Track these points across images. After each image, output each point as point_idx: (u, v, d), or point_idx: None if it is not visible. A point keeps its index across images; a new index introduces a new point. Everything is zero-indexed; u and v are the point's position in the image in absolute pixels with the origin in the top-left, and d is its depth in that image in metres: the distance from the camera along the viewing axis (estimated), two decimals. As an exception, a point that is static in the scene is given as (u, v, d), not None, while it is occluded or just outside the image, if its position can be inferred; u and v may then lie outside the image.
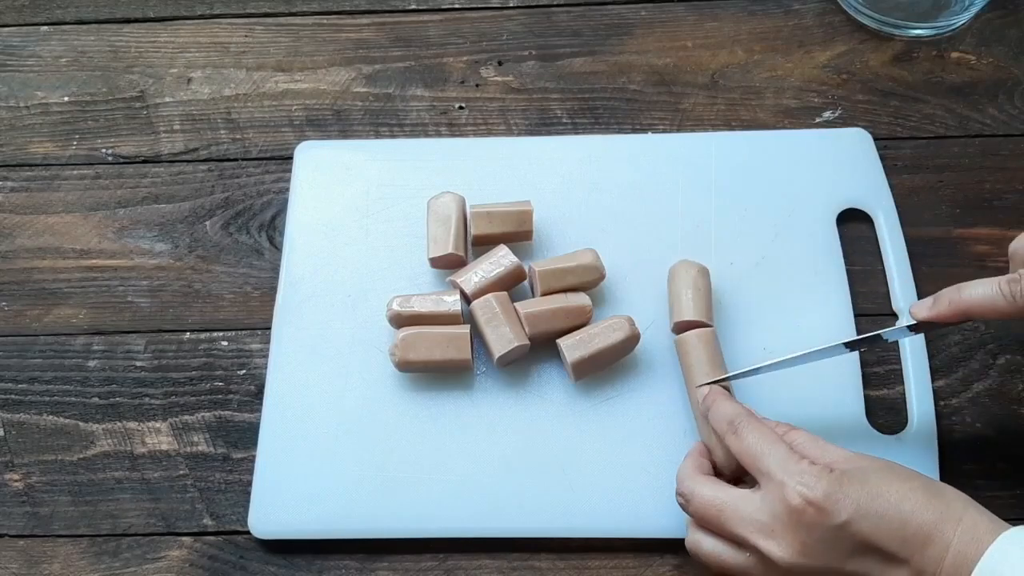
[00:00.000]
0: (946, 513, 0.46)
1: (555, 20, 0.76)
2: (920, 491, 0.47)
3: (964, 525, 0.45)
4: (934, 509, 0.46)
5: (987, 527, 0.45)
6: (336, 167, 0.69)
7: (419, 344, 0.59)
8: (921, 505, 0.46)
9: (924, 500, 0.46)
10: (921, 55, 0.73)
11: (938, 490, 0.47)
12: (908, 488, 0.47)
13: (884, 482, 0.47)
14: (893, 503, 0.46)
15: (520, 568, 0.57)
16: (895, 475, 0.48)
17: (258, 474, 0.59)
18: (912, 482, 0.47)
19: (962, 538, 0.45)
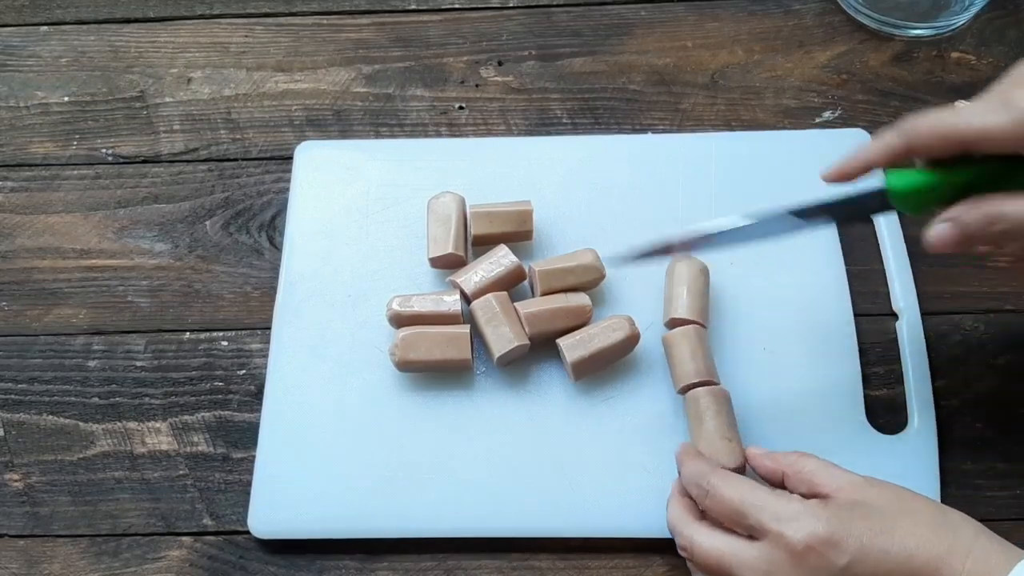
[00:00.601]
0: (954, 545, 0.44)
1: (555, 20, 0.76)
2: (927, 524, 0.45)
3: (975, 556, 0.43)
4: (942, 542, 0.44)
5: (999, 557, 0.43)
6: (336, 167, 0.69)
7: (419, 344, 0.59)
8: (928, 539, 0.44)
9: (931, 533, 0.44)
10: (921, 55, 0.73)
11: (946, 520, 0.45)
12: (913, 522, 0.45)
13: (888, 516, 0.45)
14: (898, 539, 0.45)
15: (520, 568, 0.57)
16: (900, 506, 0.46)
17: (258, 474, 0.59)
18: (918, 514, 0.45)
19: (973, 570, 0.43)
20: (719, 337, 0.61)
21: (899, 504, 0.46)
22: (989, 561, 0.43)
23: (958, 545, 0.44)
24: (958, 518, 0.46)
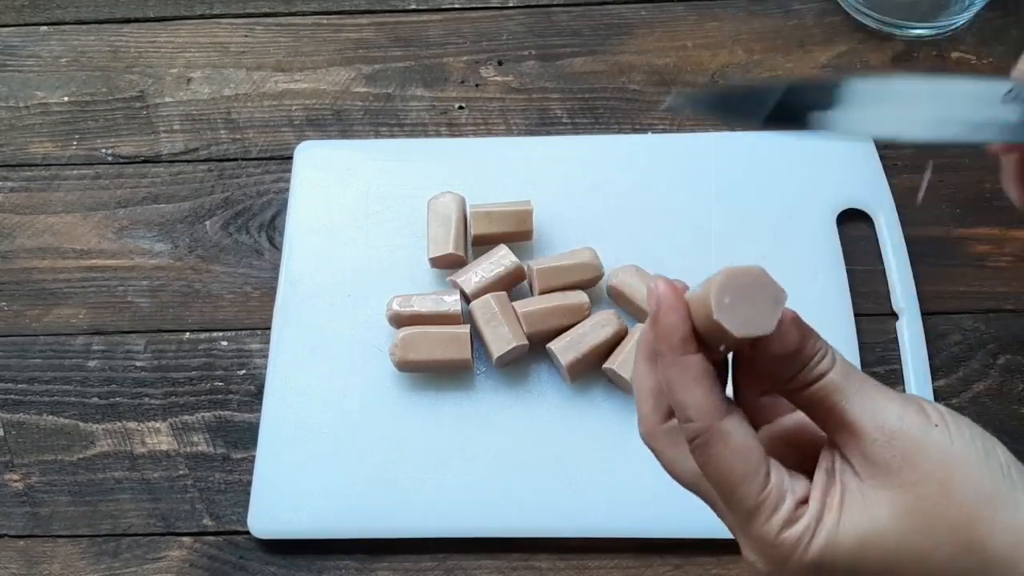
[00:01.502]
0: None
1: (555, 20, 0.76)
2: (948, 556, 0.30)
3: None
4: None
5: None
6: (336, 167, 0.69)
7: (419, 344, 0.59)
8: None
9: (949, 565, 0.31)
10: (921, 55, 0.73)
11: (977, 546, 0.30)
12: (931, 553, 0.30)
13: (893, 550, 0.31)
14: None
15: (520, 568, 0.57)
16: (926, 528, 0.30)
17: (258, 474, 0.59)
18: (941, 550, 0.30)
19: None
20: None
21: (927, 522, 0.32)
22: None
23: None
24: (995, 538, 0.31)
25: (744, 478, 0.31)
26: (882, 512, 0.30)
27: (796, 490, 0.31)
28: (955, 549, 0.29)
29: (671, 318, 0.31)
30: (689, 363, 0.31)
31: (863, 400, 0.31)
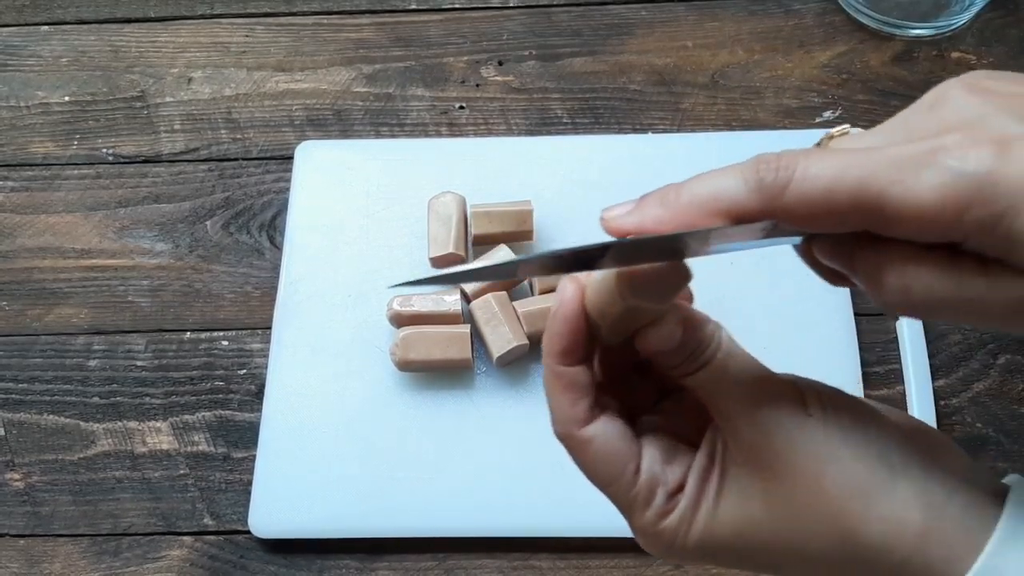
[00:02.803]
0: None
1: (555, 20, 0.76)
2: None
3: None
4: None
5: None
6: (336, 167, 0.69)
7: (419, 344, 0.59)
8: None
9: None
10: (921, 55, 0.73)
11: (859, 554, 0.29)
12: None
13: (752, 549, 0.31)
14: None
15: (520, 568, 0.57)
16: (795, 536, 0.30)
17: (258, 474, 0.59)
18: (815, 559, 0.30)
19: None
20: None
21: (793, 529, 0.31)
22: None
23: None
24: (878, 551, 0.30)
25: (609, 479, 0.32)
26: (756, 502, 0.30)
27: (670, 480, 0.31)
28: (829, 540, 0.29)
29: (561, 329, 0.31)
30: (563, 372, 0.31)
31: (742, 389, 0.30)
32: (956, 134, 0.25)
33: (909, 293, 0.26)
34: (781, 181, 0.27)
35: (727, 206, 0.28)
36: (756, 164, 0.28)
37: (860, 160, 0.26)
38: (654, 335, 0.30)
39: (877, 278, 0.27)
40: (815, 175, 0.26)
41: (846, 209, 0.26)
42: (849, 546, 0.29)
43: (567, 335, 0.31)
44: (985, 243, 0.25)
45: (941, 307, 0.26)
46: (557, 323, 0.31)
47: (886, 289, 0.27)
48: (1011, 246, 0.24)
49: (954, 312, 0.26)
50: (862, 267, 0.27)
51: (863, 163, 0.26)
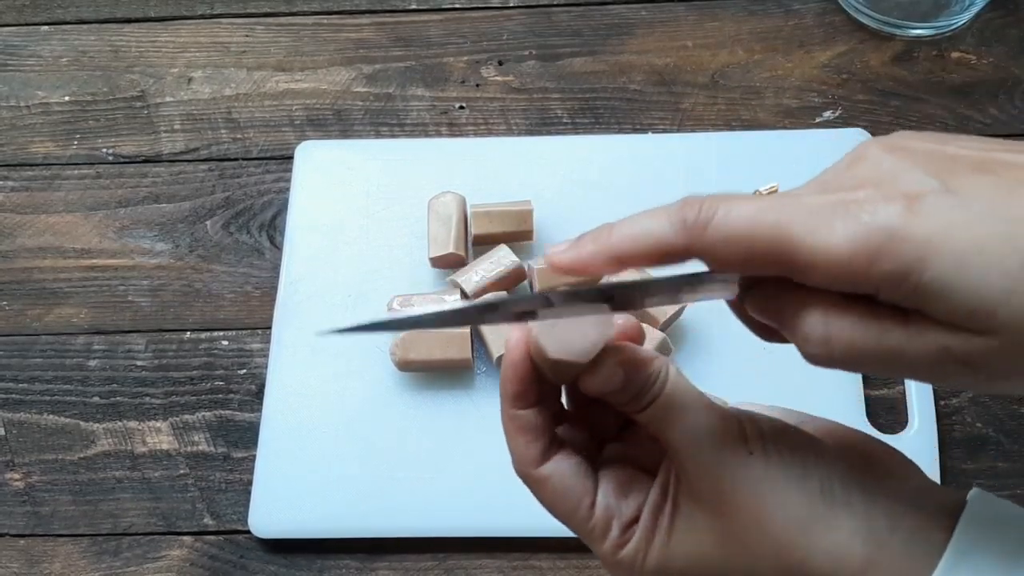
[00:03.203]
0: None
1: (555, 20, 0.76)
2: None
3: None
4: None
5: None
6: (337, 167, 0.69)
7: (419, 344, 0.59)
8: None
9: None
10: (921, 55, 0.73)
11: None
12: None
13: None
14: None
15: (520, 567, 0.57)
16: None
17: (258, 474, 0.59)
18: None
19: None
20: (719, 338, 0.61)
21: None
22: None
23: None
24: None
25: (567, 514, 0.33)
26: (706, 537, 0.31)
27: (624, 513, 0.32)
28: (775, 574, 0.30)
29: (508, 373, 0.32)
30: (516, 416, 0.32)
31: (686, 427, 0.31)
32: (869, 189, 0.26)
33: (830, 343, 0.27)
34: (703, 220, 0.28)
35: (654, 242, 0.29)
36: (682, 205, 0.29)
37: (777, 206, 0.27)
38: (592, 379, 0.31)
39: (801, 329, 0.27)
40: (735, 217, 0.27)
41: (762, 251, 0.27)
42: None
43: (515, 381, 0.32)
44: (896, 295, 0.25)
45: (862, 358, 0.27)
46: (505, 369, 0.32)
47: (810, 339, 0.27)
48: (922, 298, 0.25)
49: (876, 363, 0.27)
50: (788, 319, 0.28)
51: (780, 209, 0.26)
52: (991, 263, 0.24)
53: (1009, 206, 0.25)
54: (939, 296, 0.25)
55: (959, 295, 0.24)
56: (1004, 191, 0.25)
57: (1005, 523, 0.29)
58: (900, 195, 0.25)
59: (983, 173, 0.26)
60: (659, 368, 0.31)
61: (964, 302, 0.24)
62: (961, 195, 0.25)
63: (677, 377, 0.31)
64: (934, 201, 0.25)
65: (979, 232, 0.24)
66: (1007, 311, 0.24)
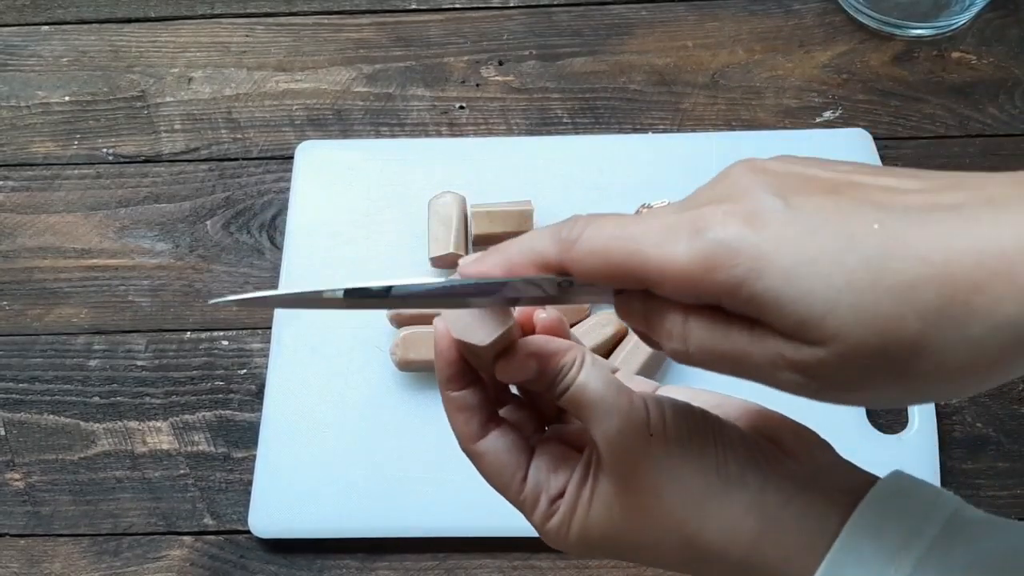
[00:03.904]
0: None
1: (556, 20, 0.76)
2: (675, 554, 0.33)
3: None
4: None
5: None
6: (337, 167, 0.69)
7: (420, 344, 0.59)
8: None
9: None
10: (921, 55, 0.73)
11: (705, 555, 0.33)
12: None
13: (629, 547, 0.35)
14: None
15: (520, 568, 0.57)
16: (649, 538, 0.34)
17: (258, 473, 0.59)
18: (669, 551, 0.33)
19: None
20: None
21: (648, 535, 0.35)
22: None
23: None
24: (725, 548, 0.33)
25: (501, 486, 0.36)
26: (617, 511, 0.34)
27: (552, 487, 0.35)
28: (675, 544, 0.33)
29: (440, 361, 0.35)
30: (451, 397, 0.36)
31: (597, 411, 0.33)
32: (715, 206, 0.28)
33: (688, 341, 0.29)
34: (572, 237, 0.31)
35: (535, 255, 0.32)
36: (564, 222, 0.32)
37: (635, 224, 0.29)
38: (504, 367, 0.34)
39: (663, 326, 0.30)
40: (596, 235, 0.30)
41: (618, 265, 0.29)
42: (691, 551, 0.33)
43: (445, 366, 0.35)
44: (735, 304, 0.27)
45: (713, 358, 0.29)
46: (436, 356, 0.36)
47: (671, 336, 0.30)
48: (757, 308, 0.27)
49: (725, 364, 0.29)
50: (652, 320, 0.30)
51: (636, 226, 0.29)
52: (819, 275, 0.25)
53: (845, 224, 0.26)
54: (771, 306, 0.26)
55: (788, 306, 0.26)
56: (844, 210, 0.26)
57: (911, 495, 0.31)
58: (742, 212, 0.27)
59: (830, 194, 0.27)
60: (572, 359, 0.34)
61: (793, 312, 0.26)
62: (800, 212, 0.26)
63: (591, 366, 0.34)
64: (772, 217, 0.27)
65: (810, 246, 0.26)
66: (834, 322, 0.25)
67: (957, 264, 0.24)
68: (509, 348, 0.34)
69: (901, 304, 0.25)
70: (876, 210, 0.26)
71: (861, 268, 0.25)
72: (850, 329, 0.25)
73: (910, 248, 0.25)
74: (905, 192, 0.26)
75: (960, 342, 0.25)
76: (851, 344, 0.25)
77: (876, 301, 0.25)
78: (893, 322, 0.25)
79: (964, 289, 0.24)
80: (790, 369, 0.27)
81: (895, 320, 0.25)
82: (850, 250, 0.25)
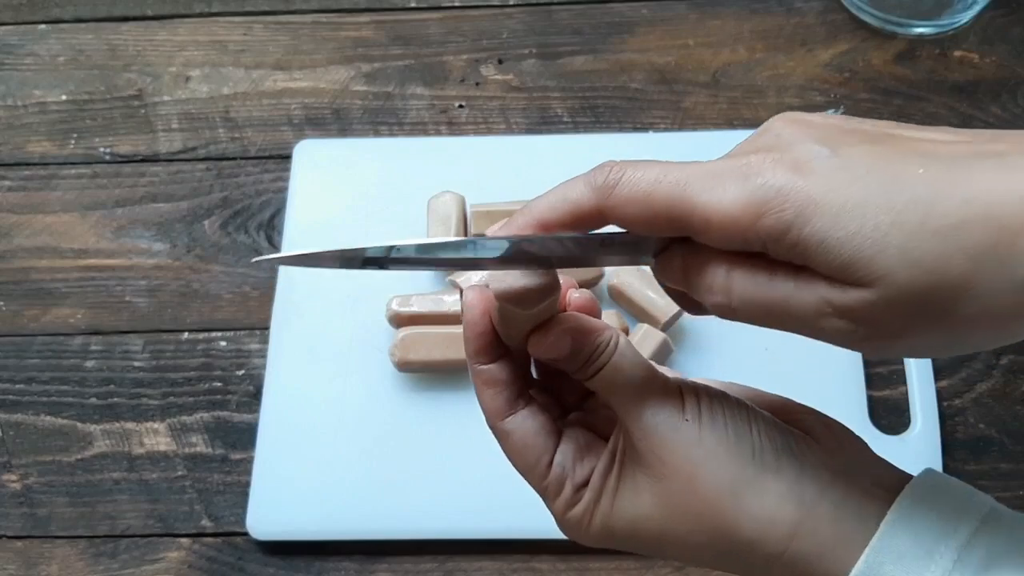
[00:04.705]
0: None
1: (556, 18, 0.76)
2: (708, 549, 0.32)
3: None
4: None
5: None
6: (335, 166, 0.68)
7: (419, 344, 0.59)
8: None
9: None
10: (924, 54, 0.72)
11: (737, 548, 0.32)
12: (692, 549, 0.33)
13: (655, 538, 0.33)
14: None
15: (520, 570, 0.56)
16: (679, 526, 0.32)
17: (256, 475, 0.58)
18: (702, 542, 0.32)
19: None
20: (720, 337, 0.60)
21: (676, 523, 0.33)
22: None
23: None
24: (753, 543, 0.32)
25: (525, 468, 0.35)
26: (646, 499, 0.33)
27: (578, 475, 0.34)
28: (707, 535, 0.32)
29: (469, 332, 0.35)
30: (480, 370, 0.35)
31: (631, 393, 0.33)
32: (762, 154, 0.28)
33: (731, 292, 0.29)
34: (611, 182, 0.30)
35: (569, 206, 0.31)
36: (595, 169, 0.31)
37: (678, 169, 0.29)
38: (540, 342, 0.33)
39: (705, 280, 0.30)
40: (639, 179, 0.30)
41: (663, 209, 0.29)
42: (724, 542, 0.31)
43: (475, 337, 0.34)
44: (781, 249, 0.27)
45: (758, 309, 0.29)
46: (466, 326, 0.35)
47: (712, 288, 0.29)
48: (803, 252, 0.27)
49: (770, 314, 0.29)
50: (693, 275, 0.30)
51: (680, 172, 0.29)
52: (866, 218, 0.26)
53: (891, 168, 0.26)
54: (818, 249, 0.26)
55: (835, 248, 0.26)
56: (889, 157, 0.27)
57: (946, 493, 0.30)
58: (790, 160, 0.27)
59: (874, 144, 0.27)
60: (607, 338, 0.33)
61: (840, 254, 0.26)
62: (847, 159, 0.27)
63: (626, 348, 0.33)
64: (819, 164, 0.27)
65: (857, 190, 0.26)
66: (881, 263, 0.26)
67: (1003, 207, 0.25)
68: (545, 322, 0.33)
69: (948, 244, 0.25)
70: (921, 157, 0.26)
71: (908, 209, 0.25)
72: (897, 270, 0.25)
73: (956, 190, 0.25)
74: (947, 143, 0.27)
75: (1006, 283, 0.25)
76: (898, 285, 0.26)
77: (923, 241, 0.25)
78: (940, 262, 0.25)
79: (1011, 230, 0.25)
80: (836, 315, 0.27)
81: (942, 260, 0.25)
82: (897, 192, 0.26)
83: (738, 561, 0.32)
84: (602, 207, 0.31)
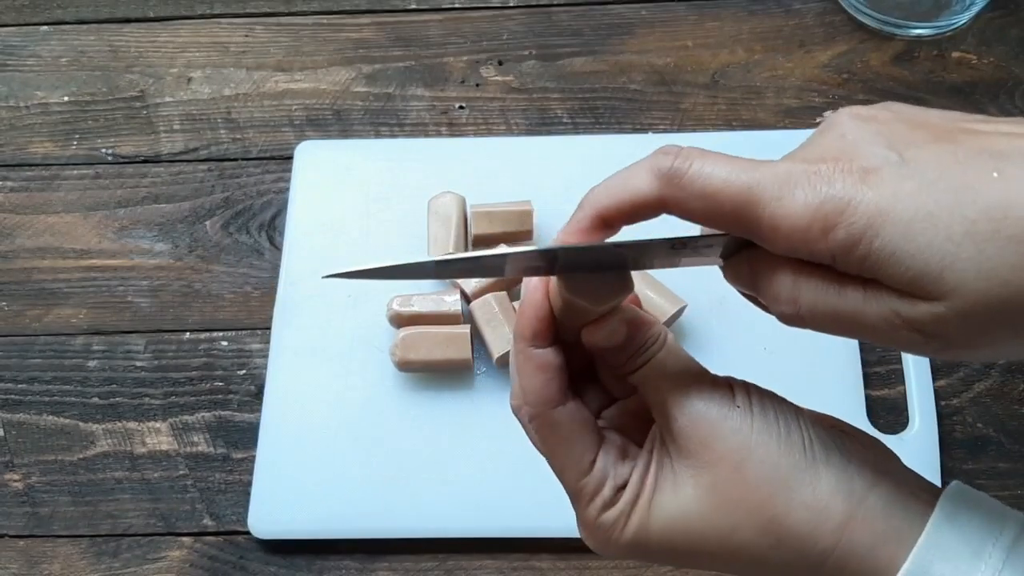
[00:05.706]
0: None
1: (555, 20, 0.76)
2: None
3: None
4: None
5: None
6: (336, 167, 0.69)
7: (419, 344, 0.59)
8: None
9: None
10: (922, 55, 0.73)
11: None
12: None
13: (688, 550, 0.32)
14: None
15: (520, 569, 0.57)
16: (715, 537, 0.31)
17: (258, 474, 0.59)
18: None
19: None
20: (720, 337, 0.61)
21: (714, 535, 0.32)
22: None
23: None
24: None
25: (567, 464, 0.33)
26: (687, 491, 0.31)
27: (619, 475, 0.33)
28: (754, 529, 0.30)
29: (528, 313, 0.33)
30: (534, 354, 0.33)
31: (678, 384, 0.32)
32: (830, 161, 0.27)
33: (798, 303, 0.28)
34: (678, 170, 0.29)
35: (630, 194, 0.31)
36: (657, 153, 0.30)
37: (749, 168, 0.28)
38: (597, 331, 0.32)
39: (772, 289, 0.29)
40: (709, 172, 0.29)
41: (731, 210, 0.28)
42: (772, 536, 0.30)
43: (535, 320, 0.33)
44: (850, 262, 0.27)
45: (825, 319, 0.28)
46: (525, 308, 0.33)
47: (779, 298, 0.29)
48: (873, 265, 0.26)
49: (837, 325, 0.28)
50: (761, 282, 0.30)
51: (751, 172, 0.28)
52: (937, 229, 0.25)
53: (961, 174, 0.25)
54: (888, 262, 0.26)
55: (904, 262, 0.25)
56: (959, 160, 0.26)
57: (982, 502, 0.30)
58: (858, 168, 0.27)
59: (943, 143, 0.26)
60: (659, 332, 0.33)
61: (910, 267, 0.25)
62: (915, 165, 0.26)
63: (673, 342, 0.33)
64: (888, 172, 0.26)
65: (927, 200, 0.25)
66: (953, 276, 0.25)
67: None
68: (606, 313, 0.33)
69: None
70: (994, 158, 0.25)
71: (982, 218, 0.24)
72: (970, 282, 0.25)
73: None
74: (1022, 136, 0.26)
75: None
76: (970, 298, 0.25)
77: (998, 251, 0.24)
78: (1017, 272, 0.24)
79: None
80: (908, 328, 0.26)
81: (1018, 270, 0.24)
82: (970, 201, 0.25)
83: (784, 561, 0.30)
84: (666, 198, 0.30)
